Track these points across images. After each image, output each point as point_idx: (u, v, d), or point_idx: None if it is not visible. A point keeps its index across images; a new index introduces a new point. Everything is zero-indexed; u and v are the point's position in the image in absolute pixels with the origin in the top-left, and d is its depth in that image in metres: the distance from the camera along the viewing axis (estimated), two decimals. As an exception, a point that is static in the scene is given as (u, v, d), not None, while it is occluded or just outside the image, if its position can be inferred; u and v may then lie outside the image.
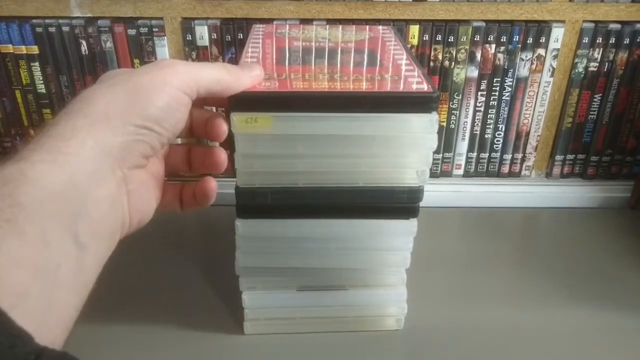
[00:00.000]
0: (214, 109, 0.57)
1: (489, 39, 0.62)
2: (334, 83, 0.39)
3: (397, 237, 0.44)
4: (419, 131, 0.38)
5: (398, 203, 0.42)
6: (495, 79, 0.64)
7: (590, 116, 0.67)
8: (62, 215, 0.26)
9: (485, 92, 0.65)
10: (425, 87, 0.38)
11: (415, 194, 0.41)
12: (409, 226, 0.43)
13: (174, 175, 0.39)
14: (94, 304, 0.50)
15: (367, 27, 0.56)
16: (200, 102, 0.38)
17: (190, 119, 0.38)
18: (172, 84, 0.31)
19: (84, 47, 0.62)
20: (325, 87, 0.38)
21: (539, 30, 0.62)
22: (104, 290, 0.53)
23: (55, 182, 0.26)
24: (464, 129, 0.67)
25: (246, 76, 0.36)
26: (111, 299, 0.52)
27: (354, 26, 0.57)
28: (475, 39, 0.62)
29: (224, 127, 0.37)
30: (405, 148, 0.40)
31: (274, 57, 0.45)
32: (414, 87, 0.38)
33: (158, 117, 0.31)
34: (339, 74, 0.41)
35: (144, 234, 0.37)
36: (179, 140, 0.41)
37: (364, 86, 0.39)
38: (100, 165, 0.28)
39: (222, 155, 0.38)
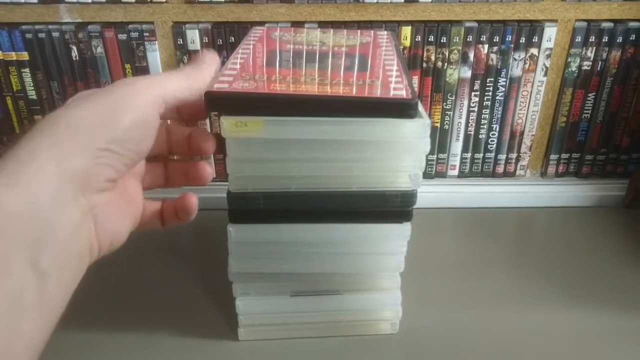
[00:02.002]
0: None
1: (481, 39, 0.62)
2: (313, 86, 0.38)
3: (391, 241, 0.44)
4: (412, 136, 0.38)
5: (391, 207, 0.41)
6: (488, 79, 0.64)
7: (584, 115, 0.67)
8: (23, 243, 0.25)
9: (478, 93, 0.65)
10: (404, 93, 0.37)
11: (408, 197, 0.41)
12: (403, 230, 0.43)
13: (151, 189, 0.39)
14: (87, 309, 0.50)
15: (371, 32, 0.55)
16: (174, 114, 0.37)
17: (168, 136, 0.38)
18: (137, 102, 0.30)
19: (74, 53, 0.62)
20: (303, 90, 0.38)
21: (532, 29, 0.62)
22: (97, 297, 0.53)
23: (15, 207, 0.25)
24: (458, 129, 0.67)
25: (204, 70, 0.36)
26: (103, 305, 0.52)
27: (358, 31, 0.56)
28: (468, 40, 0.62)
29: (211, 142, 0.37)
30: (399, 152, 0.39)
31: (264, 59, 0.45)
32: (395, 93, 0.38)
33: (121, 138, 0.30)
34: (322, 78, 0.40)
35: (135, 239, 0.36)
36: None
37: (342, 90, 0.38)
38: (61, 190, 0.27)
39: (208, 169, 0.38)
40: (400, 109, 0.37)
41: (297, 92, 0.37)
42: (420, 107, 0.40)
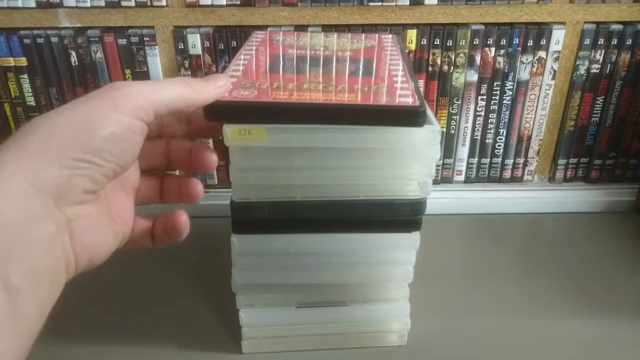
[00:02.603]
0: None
1: (488, 42, 0.61)
2: (318, 94, 0.37)
3: (399, 250, 0.42)
4: (421, 142, 0.37)
5: (400, 216, 0.40)
6: (495, 83, 0.63)
7: (592, 119, 0.66)
8: None
9: (485, 97, 0.64)
10: (411, 100, 0.36)
11: (417, 206, 0.40)
12: (412, 239, 0.42)
13: (146, 204, 0.37)
14: (85, 321, 0.49)
15: (376, 35, 0.54)
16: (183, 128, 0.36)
17: (167, 149, 0.36)
18: (122, 110, 0.28)
19: (73, 58, 0.61)
20: (306, 98, 0.36)
21: (540, 32, 0.61)
22: (96, 308, 0.52)
23: None
24: (465, 134, 0.66)
25: (210, 88, 0.34)
26: (103, 316, 0.51)
27: (362, 35, 0.55)
28: (475, 43, 0.61)
29: (213, 157, 0.36)
30: (407, 159, 0.38)
31: (267, 64, 0.44)
32: (402, 100, 0.36)
33: (100, 148, 0.28)
34: (325, 84, 0.39)
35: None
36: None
37: (346, 97, 0.36)
38: (32, 202, 0.25)
39: (199, 187, 0.36)
40: (408, 116, 0.35)
41: (300, 100, 0.36)
42: (430, 113, 0.39)
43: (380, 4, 0.59)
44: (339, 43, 0.50)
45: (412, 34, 0.60)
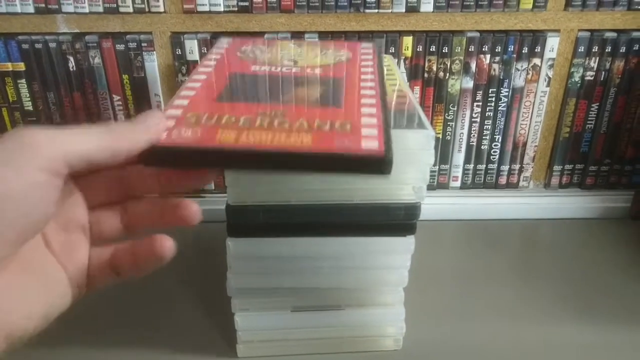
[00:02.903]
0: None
1: (483, 49, 0.61)
2: (270, 134, 0.30)
3: (394, 255, 0.43)
4: (416, 147, 0.37)
5: (395, 220, 0.40)
6: (490, 90, 0.64)
7: (587, 125, 0.66)
8: None
9: (480, 103, 0.64)
10: (376, 144, 0.29)
11: (412, 210, 0.40)
12: (406, 244, 0.42)
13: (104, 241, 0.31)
14: (81, 326, 0.49)
15: (355, 45, 0.48)
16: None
17: (123, 179, 0.30)
18: (22, 163, 0.23)
19: (71, 63, 0.61)
20: (255, 141, 0.29)
21: (534, 39, 0.61)
22: (90, 312, 0.51)
23: None
24: (460, 140, 0.66)
25: (139, 133, 0.28)
26: (97, 320, 0.51)
27: (332, 44, 0.49)
28: (470, 50, 0.61)
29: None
30: (402, 164, 0.38)
31: (221, 89, 0.37)
32: (365, 144, 0.29)
33: None
34: (282, 119, 0.32)
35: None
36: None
37: (302, 139, 0.29)
38: None
39: (194, 207, 0.30)
40: (370, 167, 0.29)
41: (246, 145, 0.29)
42: (424, 118, 0.39)
43: (376, 11, 0.60)
44: (310, 56, 0.45)
45: (408, 40, 0.61)
